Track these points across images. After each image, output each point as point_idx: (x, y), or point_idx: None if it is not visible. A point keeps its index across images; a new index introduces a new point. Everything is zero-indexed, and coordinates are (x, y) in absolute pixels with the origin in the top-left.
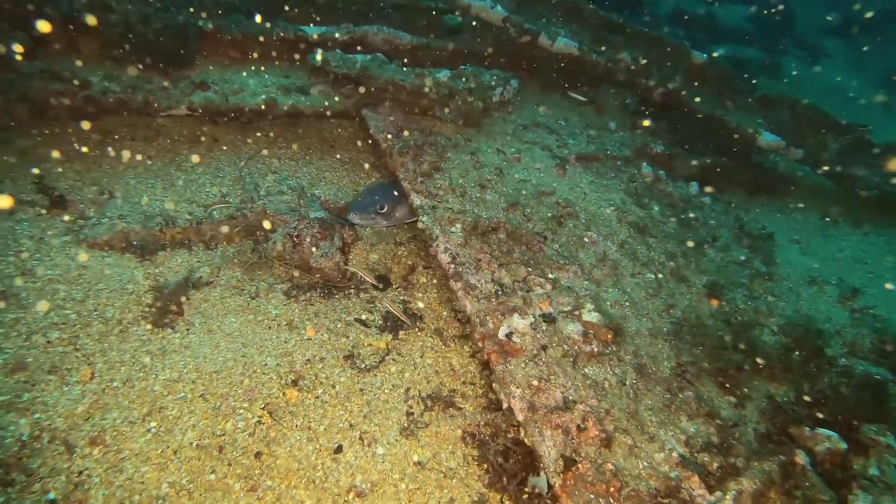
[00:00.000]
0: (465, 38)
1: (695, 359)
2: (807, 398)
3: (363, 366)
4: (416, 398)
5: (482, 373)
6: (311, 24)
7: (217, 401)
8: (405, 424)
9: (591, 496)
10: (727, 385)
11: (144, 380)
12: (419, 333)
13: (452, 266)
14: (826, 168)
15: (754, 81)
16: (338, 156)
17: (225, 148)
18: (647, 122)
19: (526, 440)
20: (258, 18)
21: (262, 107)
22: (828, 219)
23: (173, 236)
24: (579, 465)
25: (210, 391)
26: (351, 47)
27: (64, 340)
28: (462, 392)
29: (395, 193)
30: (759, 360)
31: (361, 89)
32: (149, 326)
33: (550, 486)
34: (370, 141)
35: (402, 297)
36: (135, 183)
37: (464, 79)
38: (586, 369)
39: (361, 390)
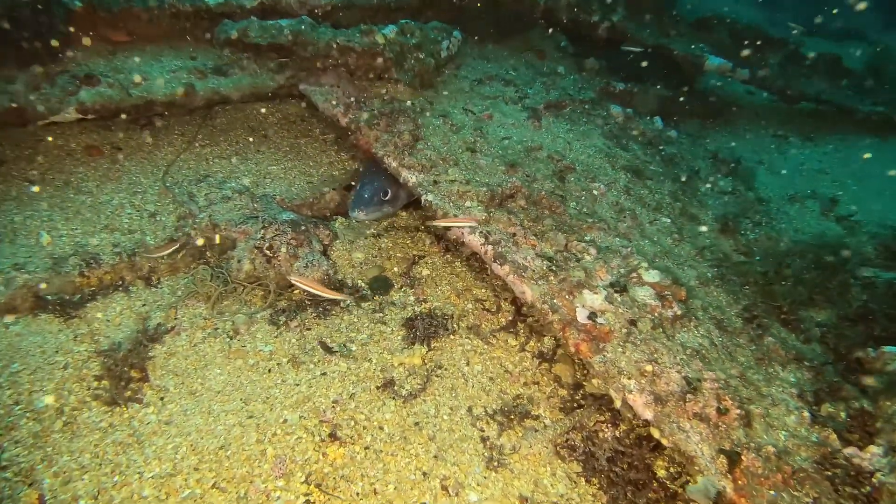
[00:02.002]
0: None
1: (751, 300)
2: (851, 317)
3: (405, 392)
4: (484, 417)
5: (540, 367)
6: None
7: (240, 487)
8: (487, 454)
9: (772, 492)
10: (788, 321)
11: (125, 484)
12: (453, 336)
13: (490, 247)
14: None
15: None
16: (275, 145)
17: (133, 156)
18: (590, 63)
19: (664, 441)
20: None
21: (179, 96)
22: (778, 135)
23: (101, 279)
24: (743, 458)
25: (224, 476)
26: (261, 15)
27: None
28: (529, 396)
29: (387, 176)
30: (801, 288)
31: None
32: (105, 407)
33: (719, 492)
34: (311, 122)
35: (411, 298)
36: (22, 219)
37: (409, 34)
38: (678, 337)
39: (417, 424)
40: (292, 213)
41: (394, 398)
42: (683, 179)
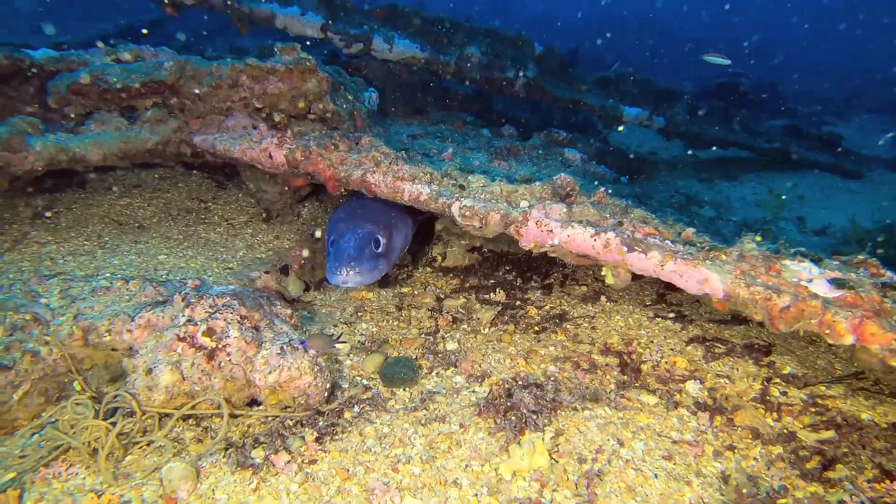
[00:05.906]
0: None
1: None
2: None
3: None
4: None
5: (714, 423)
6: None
7: None
8: None
9: None
10: None
11: None
12: (562, 412)
13: (611, 236)
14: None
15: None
16: (161, 234)
17: None
18: (507, 130)
19: None
20: None
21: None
22: (704, 179)
23: None
24: None
25: None
26: None
27: None
28: (739, 468)
29: (371, 218)
30: None
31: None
32: None
33: None
34: (202, 210)
35: (458, 378)
36: None
37: (331, 71)
38: None
39: None
40: (231, 285)
41: None
42: (676, 206)
